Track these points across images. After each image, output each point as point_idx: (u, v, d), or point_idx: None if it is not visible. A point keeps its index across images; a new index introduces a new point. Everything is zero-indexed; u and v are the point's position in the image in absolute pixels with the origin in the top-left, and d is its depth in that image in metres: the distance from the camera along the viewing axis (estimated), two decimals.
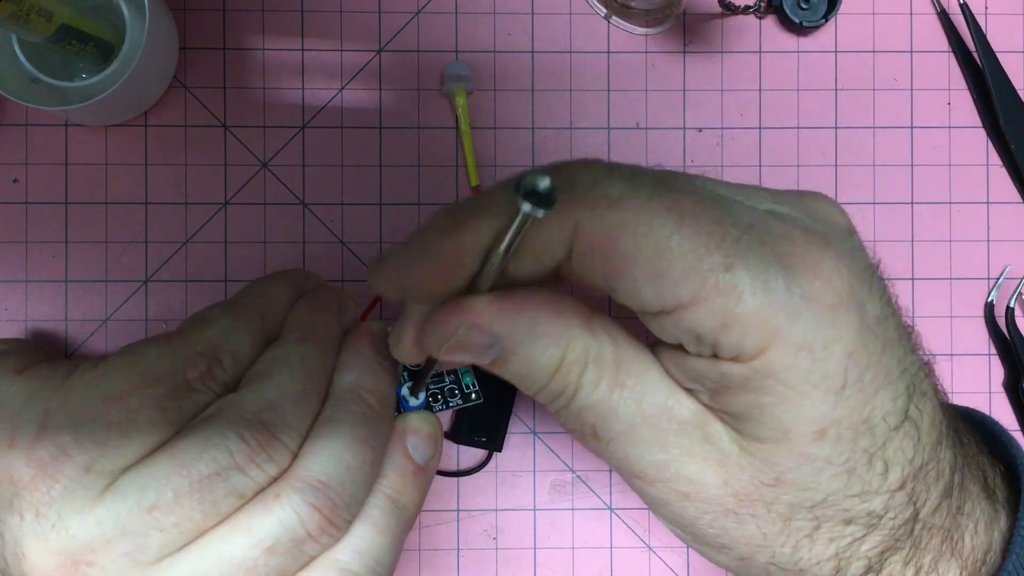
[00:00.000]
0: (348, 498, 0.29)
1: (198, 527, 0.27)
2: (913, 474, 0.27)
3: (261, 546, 0.27)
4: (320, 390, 0.31)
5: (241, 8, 0.43)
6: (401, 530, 0.31)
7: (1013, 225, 0.44)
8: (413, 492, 0.32)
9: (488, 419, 0.43)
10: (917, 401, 0.27)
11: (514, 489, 0.44)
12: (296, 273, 0.35)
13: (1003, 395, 0.44)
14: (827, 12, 0.43)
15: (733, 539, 0.28)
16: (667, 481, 0.27)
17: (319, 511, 0.28)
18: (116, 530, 0.27)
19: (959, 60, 0.44)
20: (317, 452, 0.29)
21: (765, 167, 0.44)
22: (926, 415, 0.27)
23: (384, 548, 0.30)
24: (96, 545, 0.27)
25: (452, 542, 0.43)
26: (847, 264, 0.25)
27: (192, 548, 0.28)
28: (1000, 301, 0.44)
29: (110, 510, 0.27)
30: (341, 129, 0.43)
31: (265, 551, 0.27)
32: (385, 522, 0.30)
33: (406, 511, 0.31)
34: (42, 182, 0.43)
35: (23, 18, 0.33)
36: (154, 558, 0.27)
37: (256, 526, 0.28)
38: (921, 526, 0.27)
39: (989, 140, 0.44)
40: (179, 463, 0.27)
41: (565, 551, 0.44)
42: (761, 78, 0.44)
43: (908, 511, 0.27)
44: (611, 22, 0.44)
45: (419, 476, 0.32)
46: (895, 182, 0.44)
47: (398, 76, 0.43)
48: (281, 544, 0.28)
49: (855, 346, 0.25)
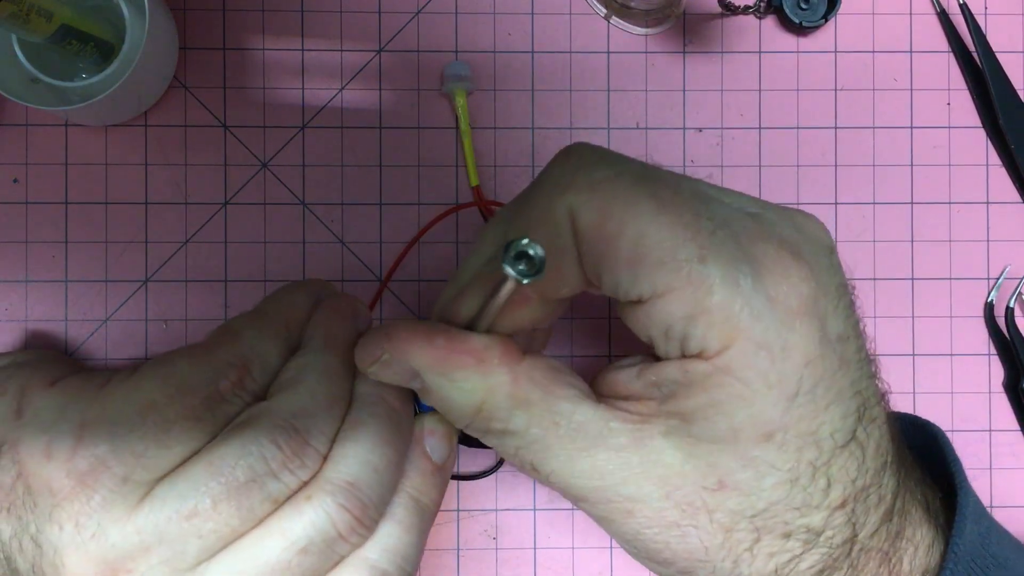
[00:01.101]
0: (376, 498, 0.29)
1: (234, 532, 0.28)
2: (855, 495, 0.27)
3: (294, 547, 0.28)
4: (345, 395, 0.31)
5: (241, 8, 0.43)
6: (424, 528, 0.32)
7: (1013, 225, 0.44)
8: (433, 491, 0.32)
9: None
10: (866, 425, 0.27)
11: (514, 489, 0.44)
12: (313, 283, 0.36)
13: (1003, 395, 0.44)
14: (827, 12, 0.43)
15: (675, 553, 0.28)
16: (609, 502, 0.28)
17: (349, 511, 0.29)
18: (155, 538, 0.28)
19: (959, 60, 0.44)
20: (345, 455, 0.29)
21: (765, 167, 0.44)
22: (873, 440, 0.27)
23: (410, 545, 0.31)
24: (135, 553, 0.28)
25: (452, 542, 0.43)
26: (817, 277, 0.26)
27: (228, 552, 0.28)
28: (1000, 301, 0.44)
29: (148, 519, 0.28)
30: (341, 129, 0.43)
31: (298, 552, 0.28)
32: (410, 521, 0.31)
33: (428, 510, 0.32)
34: (42, 182, 0.43)
35: (23, 18, 0.33)
36: (192, 564, 0.28)
37: (289, 528, 0.28)
38: (859, 548, 0.28)
39: (989, 140, 0.44)
40: (216, 470, 0.28)
41: (565, 551, 0.44)
42: (761, 78, 0.44)
43: (847, 531, 0.27)
44: (611, 22, 0.44)
45: (438, 475, 0.33)
46: (895, 182, 0.44)
47: (398, 76, 0.43)
48: (314, 545, 0.28)
49: (812, 356, 0.25)
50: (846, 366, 0.26)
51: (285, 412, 0.29)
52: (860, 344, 0.27)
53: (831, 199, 0.44)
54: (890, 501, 0.28)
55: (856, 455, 0.27)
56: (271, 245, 0.43)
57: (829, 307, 0.26)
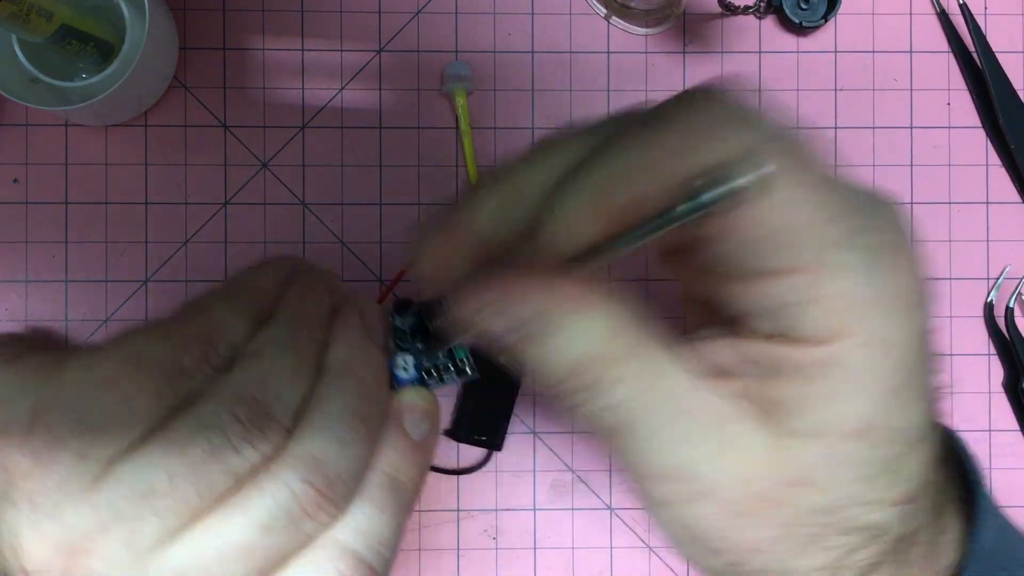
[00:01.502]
0: (344, 473, 0.28)
1: (194, 510, 0.27)
2: (921, 491, 0.26)
3: (257, 526, 0.27)
4: (311, 366, 0.30)
5: (241, 8, 0.43)
6: (401, 508, 0.31)
7: (1013, 225, 0.44)
8: (411, 469, 0.31)
9: (488, 418, 0.43)
10: (935, 419, 0.26)
11: (514, 489, 0.44)
12: (287, 259, 0.34)
13: (1003, 395, 0.44)
14: (827, 12, 0.43)
15: (732, 543, 0.26)
16: (682, 482, 0.25)
17: (313, 486, 0.27)
18: (112, 517, 0.26)
19: (959, 60, 0.44)
20: (310, 427, 0.28)
21: None
22: (936, 432, 0.26)
23: (385, 525, 0.30)
24: (93, 533, 0.27)
25: (452, 542, 0.43)
26: (919, 270, 0.25)
27: (189, 532, 0.27)
28: (1000, 301, 0.44)
29: (106, 497, 0.27)
30: (341, 129, 0.43)
31: (261, 530, 0.27)
32: (384, 500, 0.30)
33: (405, 489, 0.31)
34: (42, 182, 0.43)
35: (23, 18, 0.33)
36: (152, 544, 0.27)
37: (250, 505, 0.27)
38: (911, 543, 0.27)
39: (989, 140, 0.44)
40: (173, 446, 0.27)
41: (565, 551, 0.44)
42: (761, 78, 0.44)
43: (907, 526, 0.26)
44: (611, 22, 0.44)
45: (417, 453, 0.31)
46: (895, 182, 0.44)
47: (398, 76, 0.43)
48: (277, 522, 0.27)
49: (916, 351, 0.24)
50: (928, 360, 0.25)
51: (242, 383, 0.28)
52: (925, 343, 0.26)
53: None
54: (935, 495, 0.27)
55: (927, 452, 0.26)
56: (271, 245, 0.43)
57: (924, 300, 0.25)
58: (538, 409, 0.44)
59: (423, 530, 0.43)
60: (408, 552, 0.43)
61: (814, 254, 0.23)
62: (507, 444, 0.43)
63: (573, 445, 0.44)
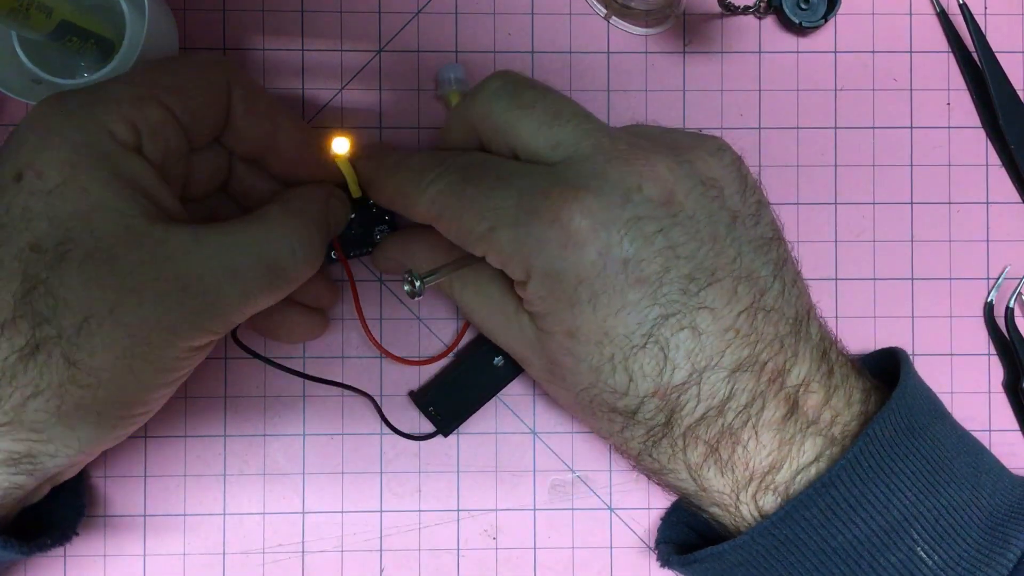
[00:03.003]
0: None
1: None
2: (669, 390, 0.33)
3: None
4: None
5: (241, 8, 0.43)
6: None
7: (1013, 225, 0.44)
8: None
9: (454, 403, 0.43)
10: (670, 331, 0.32)
11: (514, 489, 0.43)
12: (222, 66, 0.37)
13: (1003, 395, 0.44)
14: (827, 12, 0.43)
15: (558, 404, 0.41)
16: (513, 352, 0.38)
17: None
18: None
19: (959, 60, 0.44)
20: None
21: (765, 167, 0.44)
22: (682, 347, 0.33)
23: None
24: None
25: (452, 542, 0.43)
26: (593, 214, 0.32)
27: None
28: (1000, 301, 0.44)
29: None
30: (341, 129, 0.43)
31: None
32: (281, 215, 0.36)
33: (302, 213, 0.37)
34: None
35: (23, 13, 0.33)
36: None
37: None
38: (682, 431, 0.34)
39: (989, 140, 0.44)
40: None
41: (565, 551, 0.43)
42: (761, 78, 0.44)
43: (663, 416, 0.34)
44: (611, 22, 0.44)
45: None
46: (895, 182, 0.44)
47: (398, 76, 0.43)
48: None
49: (585, 276, 0.32)
50: (640, 283, 0.32)
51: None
52: (661, 267, 0.32)
53: (831, 199, 0.44)
54: (720, 402, 0.33)
55: (656, 356, 0.33)
56: None
57: (613, 236, 0.32)
58: (538, 409, 0.44)
59: (423, 530, 0.43)
60: (408, 552, 0.43)
61: (482, 244, 0.34)
62: (506, 444, 0.43)
63: (573, 445, 0.44)
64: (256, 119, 0.37)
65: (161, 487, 0.43)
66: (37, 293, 0.31)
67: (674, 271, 0.32)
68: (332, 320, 0.43)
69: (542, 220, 0.32)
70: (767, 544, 0.34)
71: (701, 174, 0.34)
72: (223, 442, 0.43)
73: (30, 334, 0.31)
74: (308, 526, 0.43)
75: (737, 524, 0.35)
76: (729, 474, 0.34)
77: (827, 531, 0.33)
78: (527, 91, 0.35)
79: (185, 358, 0.34)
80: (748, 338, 0.33)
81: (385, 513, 0.43)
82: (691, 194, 0.33)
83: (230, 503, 0.43)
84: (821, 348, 0.35)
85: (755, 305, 0.34)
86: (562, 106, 0.34)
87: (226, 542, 0.43)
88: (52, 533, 0.37)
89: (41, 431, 0.32)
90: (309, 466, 0.43)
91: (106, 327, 0.31)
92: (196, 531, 0.43)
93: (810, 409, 0.34)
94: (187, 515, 0.43)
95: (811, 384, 0.34)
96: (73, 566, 0.42)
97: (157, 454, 0.43)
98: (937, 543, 0.33)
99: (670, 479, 0.36)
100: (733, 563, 0.35)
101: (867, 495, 0.33)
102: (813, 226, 0.44)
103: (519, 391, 0.43)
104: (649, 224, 0.32)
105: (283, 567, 0.43)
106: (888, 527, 0.33)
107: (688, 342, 0.33)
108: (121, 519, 0.43)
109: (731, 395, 0.33)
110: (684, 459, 0.35)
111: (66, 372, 0.31)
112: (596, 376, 0.34)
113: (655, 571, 0.44)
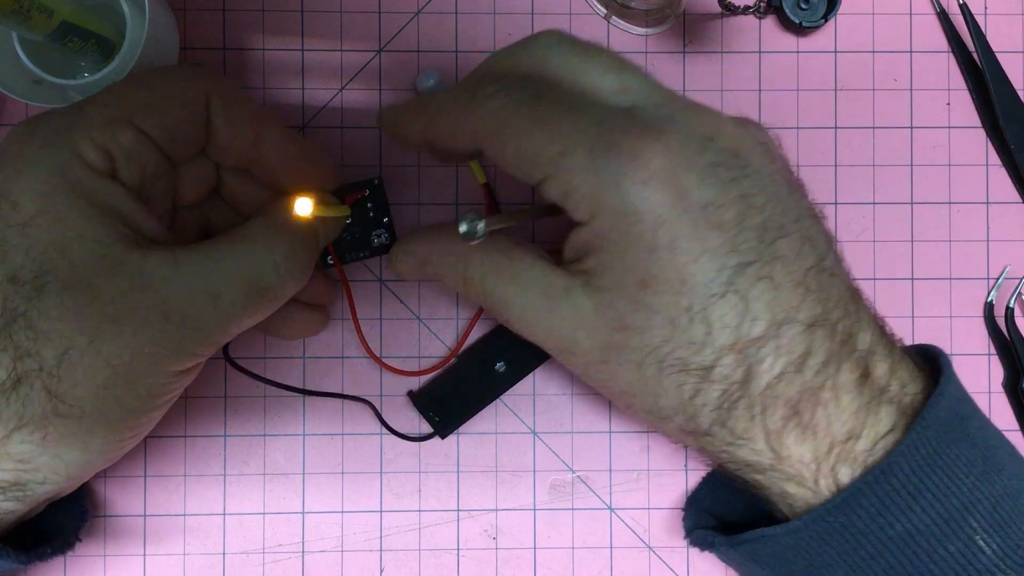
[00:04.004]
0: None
1: None
2: (747, 343, 0.31)
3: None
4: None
5: (241, 8, 0.43)
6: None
7: (1013, 225, 0.44)
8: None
9: (454, 406, 0.43)
10: (748, 281, 0.31)
11: (514, 489, 0.44)
12: (201, 75, 0.36)
13: (1003, 395, 0.44)
14: (827, 12, 0.43)
15: (609, 388, 0.35)
16: (556, 340, 0.34)
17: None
18: None
19: (959, 60, 0.44)
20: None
21: None
22: (762, 298, 0.31)
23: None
24: None
25: (452, 542, 0.43)
26: (673, 154, 0.30)
27: None
28: (1000, 301, 0.44)
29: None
30: (341, 129, 0.43)
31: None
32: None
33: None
34: None
35: (24, 14, 0.33)
36: None
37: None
38: (761, 390, 0.32)
39: (989, 140, 0.44)
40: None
41: (565, 551, 0.43)
42: (761, 78, 0.44)
43: (740, 372, 0.32)
44: (611, 22, 0.44)
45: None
46: (895, 182, 0.44)
47: (398, 76, 0.43)
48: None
49: (666, 218, 0.30)
50: (719, 228, 0.31)
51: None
52: (741, 212, 0.31)
53: (831, 199, 0.44)
54: (800, 356, 0.32)
55: (736, 306, 0.31)
56: None
57: (689, 179, 0.31)
58: (538, 409, 0.44)
59: (423, 530, 0.43)
60: (408, 552, 0.43)
61: (548, 166, 0.31)
62: (507, 444, 0.43)
63: (573, 445, 0.44)
64: (237, 131, 0.36)
65: (161, 487, 0.43)
66: (17, 326, 0.31)
67: (749, 219, 0.31)
68: (332, 319, 0.43)
69: (623, 153, 0.30)
70: (822, 530, 0.33)
71: (759, 138, 0.34)
72: (223, 442, 0.43)
73: (11, 367, 0.31)
74: (308, 526, 0.43)
75: (811, 503, 0.34)
76: (811, 439, 0.33)
77: (885, 519, 0.32)
78: (584, 43, 0.34)
79: (172, 382, 0.34)
80: (819, 294, 0.32)
81: (385, 513, 0.43)
82: (755, 152, 0.33)
83: (230, 503, 0.43)
84: (877, 323, 0.34)
85: (819, 265, 0.33)
86: (624, 59, 0.34)
87: (226, 542, 0.43)
88: (53, 542, 0.37)
89: (28, 461, 0.32)
90: (309, 466, 0.43)
91: (87, 358, 0.31)
92: (196, 531, 0.43)
93: (880, 377, 0.33)
94: (187, 515, 0.43)
95: (877, 352, 0.33)
96: (73, 566, 0.43)
97: (157, 454, 0.43)
98: (996, 531, 0.32)
99: (743, 453, 0.34)
100: (785, 547, 0.34)
101: (926, 482, 0.32)
102: None
103: (519, 391, 0.43)
104: (725, 171, 0.31)
105: (283, 567, 0.43)
106: (947, 515, 0.32)
107: (767, 293, 0.31)
108: (121, 519, 0.43)
109: (809, 351, 0.32)
110: (763, 423, 0.32)
111: (49, 404, 0.31)
112: (672, 330, 0.31)
113: (655, 571, 0.44)
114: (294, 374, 0.43)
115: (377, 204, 0.42)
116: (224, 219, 0.39)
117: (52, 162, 0.32)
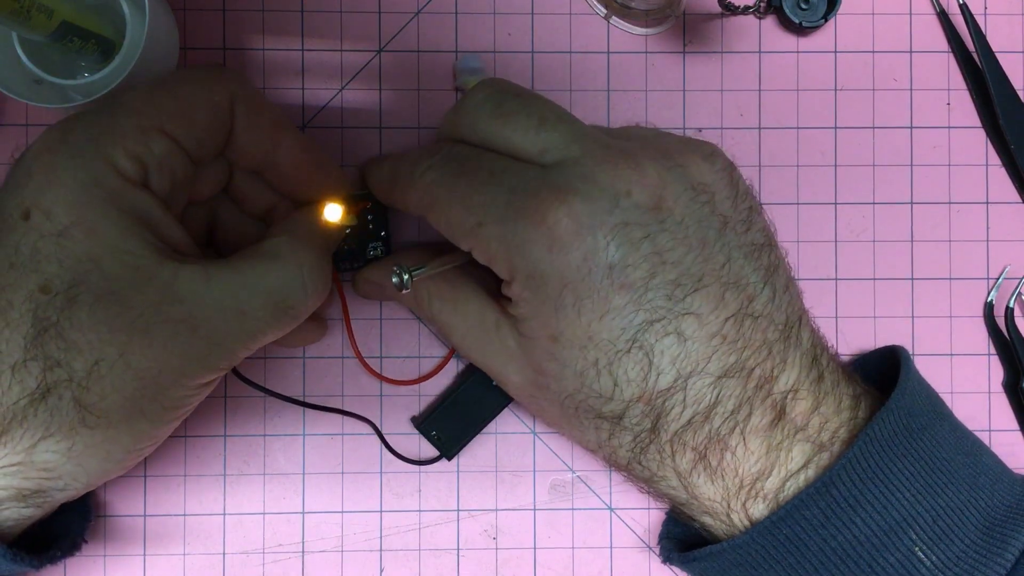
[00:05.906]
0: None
1: None
2: (655, 395, 0.33)
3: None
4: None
5: (241, 8, 0.43)
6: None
7: (1013, 225, 0.44)
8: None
9: (456, 426, 0.43)
10: (655, 337, 0.32)
11: (514, 489, 0.44)
12: (227, 79, 0.36)
13: (1003, 395, 0.44)
14: (827, 12, 0.43)
15: (542, 419, 0.40)
16: (491, 370, 0.37)
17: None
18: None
19: (959, 60, 0.44)
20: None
21: (765, 167, 0.44)
22: (667, 353, 0.33)
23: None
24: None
25: (452, 542, 0.43)
26: (581, 218, 0.32)
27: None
28: (1000, 301, 0.44)
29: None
30: (341, 129, 0.43)
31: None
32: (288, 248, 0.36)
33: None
34: None
35: (24, 14, 0.33)
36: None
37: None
38: (669, 437, 0.34)
39: (989, 140, 0.44)
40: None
41: (565, 551, 0.43)
42: (761, 78, 0.44)
43: (648, 422, 0.34)
44: (611, 22, 0.44)
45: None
46: (895, 182, 0.44)
47: (398, 76, 0.43)
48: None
49: (570, 279, 0.32)
50: (624, 288, 0.32)
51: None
52: (647, 273, 0.32)
53: (831, 199, 0.44)
54: (706, 407, 0.33)
55: (641, 361, 0.33)
56: None
57: (600, 240, 0.32)
58: None
59: (423, 530, 0.43)
60: (408, 552, 0.43)
61: (468, 238, 0.34)
62: (507, 444, 0.43)
63: (573, 445, 0.44)
64: (256, 136, 0.36)
65: (161, 487, 0.43)
66: (48, 336, 0.31)
67: (660, 277, 0.32)
68: (331, 321, 0.43)
69: (529, 220, 0.32)
70: (766, 544, 0.34)
71: (692, 179, 0.34)
72: (223, 442, 0.43)
73: (41, 377, 0.31)
74: (308, 526, 0.43)
75: (729, 533, 0.35)
76: (719, 481, 0.34)
77: (827, 531, 0.33)
78: (510, 99, 0.35)
79: (193, 394, 0.34)
80: (735, 344, 0.33)
81: (385, 513, 0.43)
82: (680, 199, 0.33)
83: (230, 503, 0.43)
84: (811, 354, 0.35)
85: (743, 311, 0.33)
86: (547, 112, 0.34)
87: (226, 542, 0.43)
88: (61, 544, 0.37)
89: (52, 470, 0.32)
90: (309, 466, 0.43)
91: (116, 370, 0.31)
92: (196, 531, 0.43)
93: (798, 416, 0.34)
94: (187, 515, 0.43)
95: (800, 391, 0.34)
96: (73, 566, 0.43)
97: (157, 454, 0.43)
98: (935, 543, 0.33)
99: (661, 487, 0.36)
100: (732, 562, 0.35)
101: (866, 495, 0.33)
102: (813, 226, 0.44)
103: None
104: (636, 230, 0.32)
105: (283, 567, 0.43)
106: (887, 527, 0.33)
107: (673, 348, 0.33)
108: (121, 519, 0.43)
109: (717, 401, 0.33)
110: (673, 465, 0.34)
111: (77, 415, 0.31)
112: (581, 381, 0.34)
113: (655, 571, 0.44)
114: (294, 375, 0.43)
115: (377, 217, 0.42)
116: (230, 216, 0.39)
117: (85, 172, 0.32)
